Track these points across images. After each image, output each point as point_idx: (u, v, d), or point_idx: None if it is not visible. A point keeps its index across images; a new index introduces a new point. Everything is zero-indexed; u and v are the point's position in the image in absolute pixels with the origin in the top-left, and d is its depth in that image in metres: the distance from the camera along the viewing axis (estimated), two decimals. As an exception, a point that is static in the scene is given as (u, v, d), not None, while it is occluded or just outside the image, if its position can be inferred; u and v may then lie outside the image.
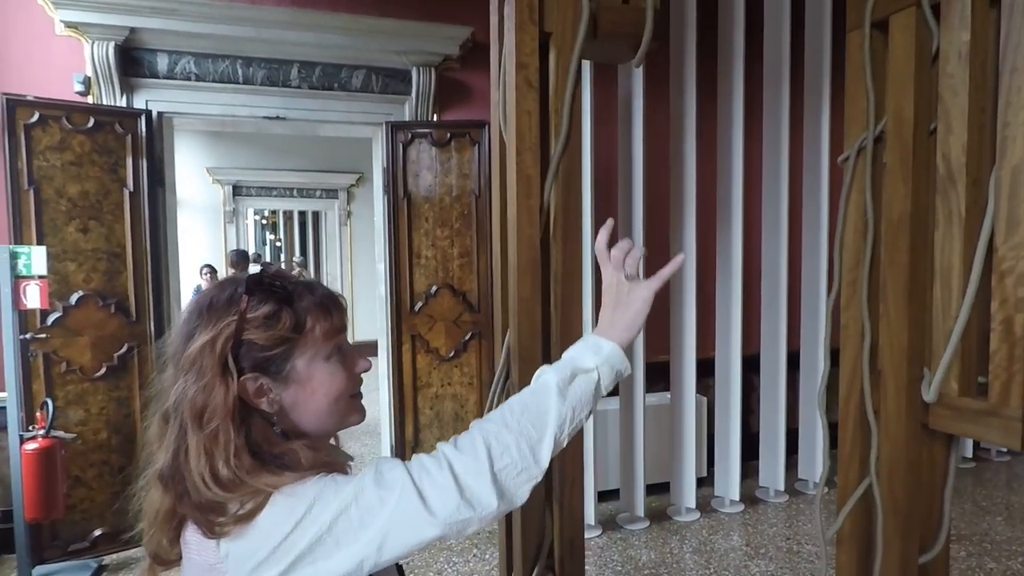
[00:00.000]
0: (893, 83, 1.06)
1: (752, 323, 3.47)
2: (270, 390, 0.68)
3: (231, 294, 0.68)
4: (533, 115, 1.08)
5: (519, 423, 0.67)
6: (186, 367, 0.65)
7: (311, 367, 0.70)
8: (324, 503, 0.61)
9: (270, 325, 0.67)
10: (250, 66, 3.03)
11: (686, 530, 3.10)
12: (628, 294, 0.79)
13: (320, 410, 0.71)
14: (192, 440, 0.64)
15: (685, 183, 3.08)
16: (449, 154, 3.13)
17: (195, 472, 0.63)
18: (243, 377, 0.66)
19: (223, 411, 0.63)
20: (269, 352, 0.67)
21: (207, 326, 0.66)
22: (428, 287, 3.14)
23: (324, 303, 0.72)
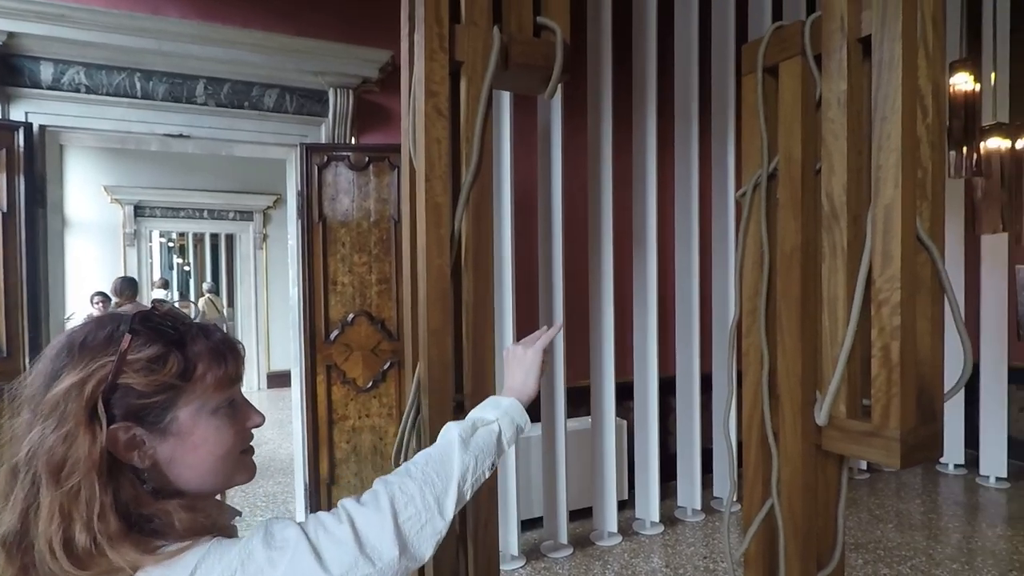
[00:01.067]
0: (783, 125, 1.13)
1: (668, 347, 3.60)
2: (143, 442, 0.60)
3: (110, 332, 0.61)
4: (443, 143, 1.07)
5: (423, 472, 0.66)
6: (45, 412, 0.57)
7: (195, 420, 0.63)
8: (208, 568, 0.55)
9: (153, 369, 0.60)
10: (150, 80, 2.86)
11: (608, 555, 3.12)
12: (523, 356, 0.88)
13: (202, 468, 0.64)
14: (46, 499, 0.55)
15: (602, 211, 3.17)
16: (367, 178, 3.06)
17: (43, 538, 0.55)
18: (113, 426, 0.58)
19: (87, 464, 0.55)
20: (148, 399, 0.60)
21: (77, 366, 0.58)
22: (345, 315, 3.04)
23: (219, 349, 0.66)
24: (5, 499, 0.58)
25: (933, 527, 3.39)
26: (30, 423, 0.58)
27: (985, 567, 2.91)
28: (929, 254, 0.95)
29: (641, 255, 3.34)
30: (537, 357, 0.87)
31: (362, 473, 3.08)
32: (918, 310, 0.95)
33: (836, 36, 1.01)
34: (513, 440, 0.79)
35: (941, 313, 0.99)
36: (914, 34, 0.92)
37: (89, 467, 0.56)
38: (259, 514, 3.69)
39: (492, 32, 1.12)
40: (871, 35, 0.96)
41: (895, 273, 0.93)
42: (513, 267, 2.94)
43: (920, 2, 0.92)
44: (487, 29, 1.12)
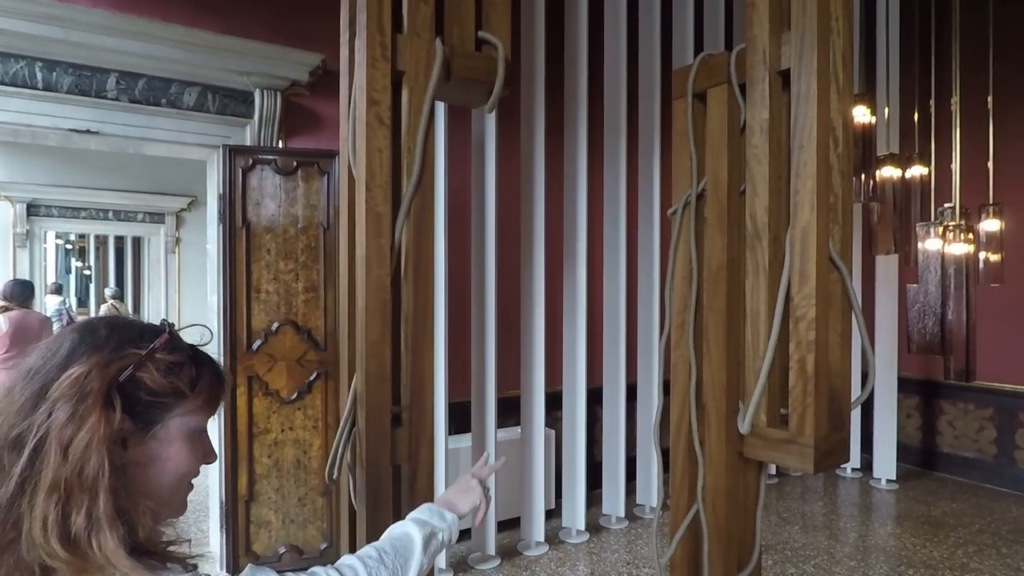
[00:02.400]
0: (710, 148, 1.20)
1: (595, 357, 3.69)
2: (126, 439, 0.60)
3: (141, 330, 0.64)
4: (384, 152, 1.06)
5: (393, 563, 0.78)
6: (62, 389, 0.56)
7: (180, 431, 0.64)
8: None
9: (172, 371, 0.63)
10: (54, 71, 2.64)
11: (535, 564, 3.14)
12: (469, 486, 1.02)
13: (163, 481, 0.64)
14: (48, 474, 0.54)
15: (534, 224, 3.22)
16: (295, 183, 2.96)
17: (39, 513, 0.53)
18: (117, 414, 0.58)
19: (97, 444, 0.55)
20: (154, 398, 0.61)
21: (100, 352, 0.59)
22: (269, 324, 2.91)
23: (221, 376, 0.71)
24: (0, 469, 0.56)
25: (833, 527, 3.64)
26: (35, 396, 0.57)
27: (878, 563, 3.16)
28: (840, 273, 1.03)
29: (571, 267, 3.42)
30: (479, 487, 1.02)
31: (284, 489, 2.95)
32: (830, 325, 1.03)
33: (759, 68, 1.09)
34: (443, 548, 0.93)
35: (849, 328, 1.08)
36: (827, 70, 1.01)
37: (99, 446, 0.55)
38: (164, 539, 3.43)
39: (435, 44, 1.12)
40: (790, 69, 1.05)
41: (811, 291, 1.00)
42: (446, 278, 2.94)
43: (832, 41, 1.01)
44: (429, 40, 1.12)
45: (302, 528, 2.99)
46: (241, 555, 2.92)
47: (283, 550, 2.96)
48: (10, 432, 0.57)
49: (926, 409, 4.65)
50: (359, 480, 1.07)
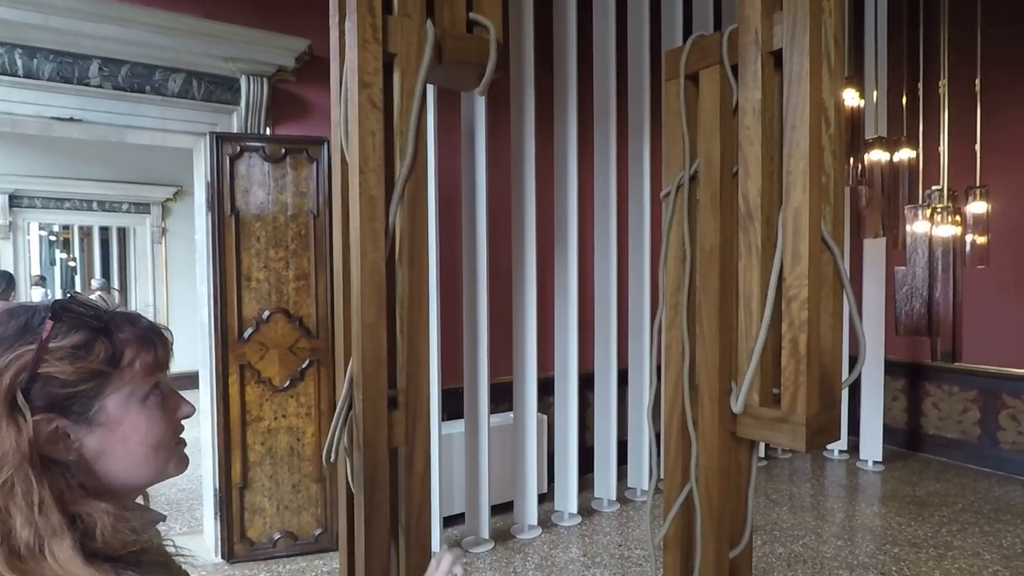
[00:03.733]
0: (703, 130, 1.21)
1: (587, 343, 3.71)
2: (67, 435, 0.57)
3: (26, 321, 0.57)
4: (377, 135, 1.05)
5: None
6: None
7: (125, 408, 0.60)
8: None
9: (79, 356, 0.57)
10: (34, 57, 2.58)
11: (529, 547, 3.17)
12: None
13: (133, 459, 0.61)
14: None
15: (525, 208, 3.22)
16: (284, 170, 2.93)
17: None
18: (35, 418, 0.54)
19: (17, 457, 0.52)
20: (73, 388, 0.56)
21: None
22: (260, 312, 2.89)
23: (147, 335, 0.63)
24: None
25: (820, 508, 3.71)
26: None
27: (864, 542, 3.23)
28: (831, 254, 1.04)
29: (563, 252, 3.42)
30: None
31: (277, 476, 2.95)
32: (822, 305, 1.04)
33: (751, 48, 1.09)
34: None
35: (841, 308, 1.09)
36: (819, 50, 1.01)
37: (20, 460, 0.52)
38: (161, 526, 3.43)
39: (426, 25, 1.11)
40: (782, 49, 1.05)
41: (803, 271, 1.01)
42: (437, 263, 2.93)
43: (824, 21, 1.01)
44: (420, 22, 1.11)
45: (296, 514, 3.00)
46: (236, 541, 2.92)
47: (278, 536, 2.97)
48: None
49: (911, 391, 4.72)
50: (356, 463, 1.08)
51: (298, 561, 2.97)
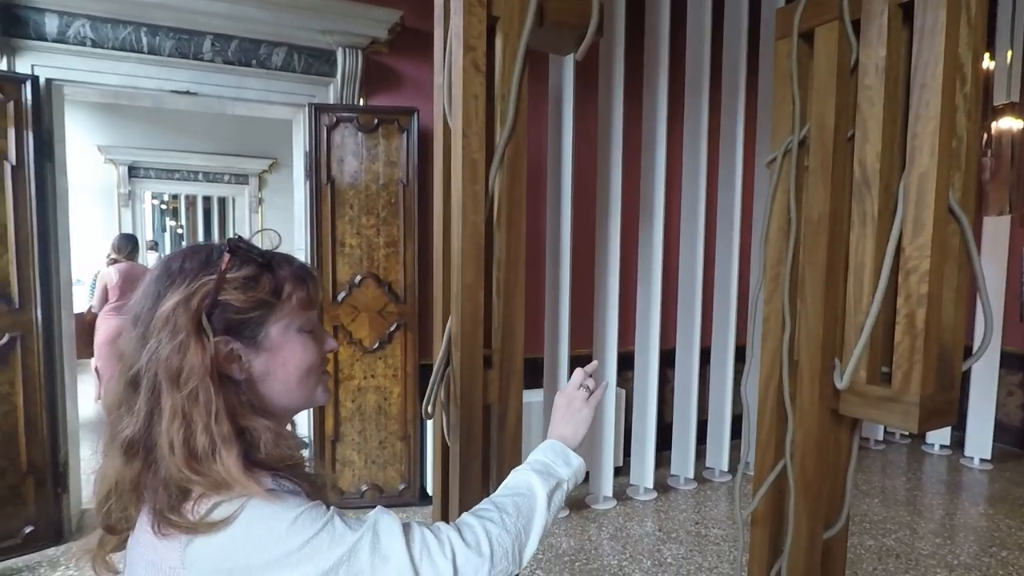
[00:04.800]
0: (816, 91, 1.14)
1: (669, 319, 3.63)
2: (240, 356, 0.65)
3: (207, 255, 0.65)
4: (480, 99, 1.07)
5: (516, 526, 0.69)
6: (158, 327, 0.61)
7: (285, 336, 0.67)
8: (316, 548, 0.58)
9: (249, 287, 0.64)
10: (156, 35, 2.80)
11: (603, 517, 3.20)
12: (579, 410, 0.89)
13: (290, 383, 0.68)
14: (167, 403, 0.59)
15: (611, 180, 3.17)
16: (376, 140, 3.03)
17: (165, 437, 0.59)
18: (216, 339, 0.62)
19: (201, 371, 0.60)
20: (244, 315, 0.64)
21: (180, 285, 0.62)
22: (352, 276, 3.04)
23: (302, 274, 0.71)
24: (128, 407, 0.61)
25: (917, 503, 3.49)
26: (143, 338, 0.61)
27: (966, 542, 3.02)
28: (959, 224, 0.97)
29: (648, 226, 3.35)
30: (591, 414, 0.90)
31: (366, 431, 3.12)
32: (945, 279, 0.97)
33: (877, 1, 1.01)
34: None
35: (965, 284, 1.01)
36: (957, 0, 0.93)
37: (203, 373, 0.60)
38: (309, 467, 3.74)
39: (529, -12, 1.11)
40: (913, 1, 0.96)
41: (926, 242, 0.95)
42: (521, 235, 2.95)
43: (966, -31, 0.92)
44: (523, -15, 1.11)
45: (382, 469, 3.17)
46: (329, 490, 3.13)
47: (365, 487, 3.16)
48: (127, 373, 0.62)
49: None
50: (453, 417, 1.13)
51: (383, 513, 3.15)
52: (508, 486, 0.76)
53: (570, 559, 2.78)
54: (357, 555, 0.59)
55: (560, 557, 2.79)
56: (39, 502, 2.65)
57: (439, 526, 0.66)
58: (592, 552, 2.84)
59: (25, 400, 2.60)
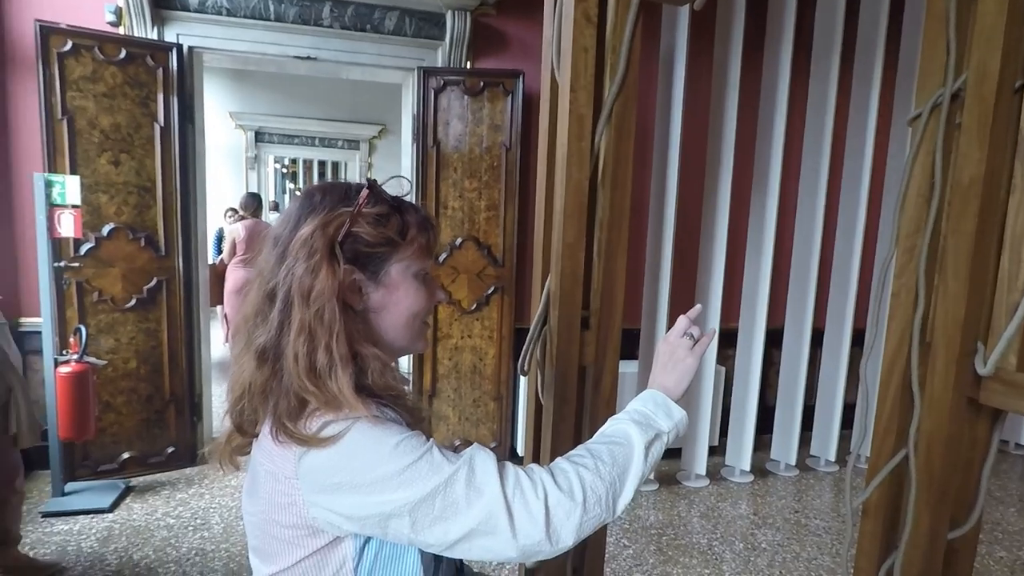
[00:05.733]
0: (979, 35, 0.99)
1: (779, 297, 3.42)
2: (361, 288, 0.69)
3: (345, 191, 0.71)
4: (590, 52, 1.03)
5: (610, 475, 0.68)
6: (296, 248, 0.66)
7: (403, 276, 0.71)
8: (415, 474, 0.61)
9: (380, 223, 0.69)
10: (282, 2, 2.96)
11: (694, 495, 3.13)
12: (683, 359, 0.85)
13: (399, 322, 0.72)
14: (297, 317, 0.65)
15: (723, 143, 2.99)
16: (481, 103, 3.05)
17: (292, 349, 0.64)
18: (344, 267, 0.67)
19: (329, 293, 0.65)
20: (372, 249, 0.69)
21: (319, 213, 0.68)
22: (453, 239, 3.12)
23: (425, 222, 0.75)
24: (263, 318, 0.67)
25: (1063, 515, 3.10)
26: (281, 256, 0.67)
27: (1124, 562, 2.65)
28: None
29: (760, 196, 3.14)
30: (696, 363, 0.86)
31: (461, 389, 3.24)
32: None
33: (1070, -76, 0.85)
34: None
35: None
36: None
37: (331, 295, 0.64)
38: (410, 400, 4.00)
39: (647, -69, 1.04)
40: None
41: (1109, 208, 0.81)
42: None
43: None
44: (641, -72, 1.05)
45: (475, 426, 3.28)
46: (424, 443, 3.30)
47: (458, 443, 3.29)
48: (265, 287, 0.68)
49: None
50: (547, 376, 1.13)
51: (475, 468, 3.27)
52: (605, 434, 0.75)
53: (657, 532, 2.75)
54: (453, 486, 0.61)
55: (647, 529, 2.77)
56: (178, 428, 3.01)
57: (532, 468, 0.66)
58: (681, 528, 2.80)
59: (168, 337, 2.94)
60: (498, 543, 0.62)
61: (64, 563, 2.24)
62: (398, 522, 0.61)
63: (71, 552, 2.36)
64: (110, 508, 2.66)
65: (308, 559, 0.65)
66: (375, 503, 0.60)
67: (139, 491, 2.87)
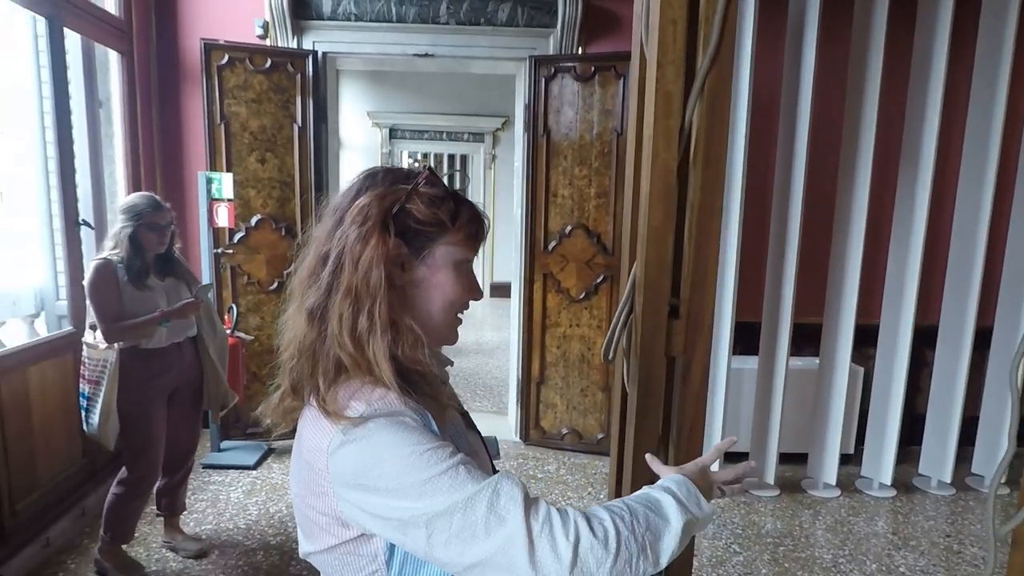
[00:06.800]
0: None
1: (933, 290, 3.02)
2: (404, 263, 0.72)
3: (407, 173, 0.74)
4: (679, 25, 0.97)
5: (642, 539, 0.63)
6: (352, 216, 0.70)
7: (445, 261, 0.73)
8: (435, 487, 0.60)
9: (434, 204, 0.71)
10: (403, 4, 3.11)
11: (821, 506, 2.87)
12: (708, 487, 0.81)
13: (434, 306, 0.74)
14: (344, 280, 0.68)
15: (862, 125, 2.68)
16: (592, 89, 3.00)
17: (337, 309, 0.68)
18: (393, 239, 0.70)
19: (376, 260, 0.68)
20: (421, 227, 0.71)
21: (378, 187, 0.71)
22: (563, 227, 3.11)
23: (477, 214, 0.77)
24: (314, 280, 0.71)
25: None
26: (337, 223, 0.71)
27: None
28: None
29: (909, 181, 2.78)
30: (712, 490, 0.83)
31: (569, 378, 3.23)
32: None
33: None
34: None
35: None
36: None
37: (378, 262, 0.68)
38: (478, 403, 4.14)
39: None
40: None
41: None
42: (743, 178, 2.66)
43: None
44: None
45: (583, 416, 3.26)
46: (531, 427, 3.35)
47: (565, 431, 3.29)
48: (320, 250, 0.71)
49: None
50: (632, 365, 1.09)
51: (580, 457, 3.26)
52: (638, 497, 0.70)
53: (774, 541, 2.56)
54: (473, 507, 0.59)
55: (762, 537, 2.59)
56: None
57: (567, 510, 0.63)
58: (802, 540, 2.58)
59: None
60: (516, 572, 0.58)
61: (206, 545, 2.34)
62: (415, 532, 0.60)
63: (221, 500, 2.71)
64: (254, 466, 3.02)
65: (341, 547, 0.67)
66: (395, 508, 0.61)
67: (279, 453, 3.21)
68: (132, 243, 2.02)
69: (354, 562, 0.68)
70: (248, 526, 2.54)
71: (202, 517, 2.58)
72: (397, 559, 0.67)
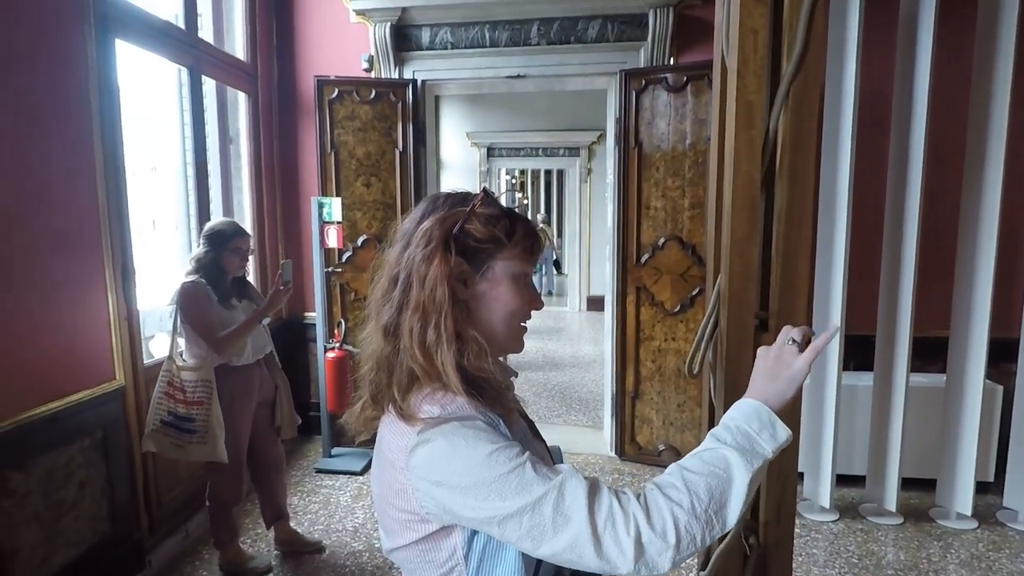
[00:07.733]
0: None
1: (1086, 299, 2.66)
2: (466, 279, 0.77)
3: (465, 196, 0.80)
4: (760, 34, 0.96)
5: (706, 513, 0.64)
6: (417, 238, 0.76)
7: (504, 275, 0.78)
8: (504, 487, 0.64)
9: (491, 223, 0.76)
10: (496, 29, 3.24)
11: (954, 538, 2.59)
12: (790, 365, 0.75)
13: (496, 317, 0.78)
14: (413, 297, 0.74)
15: (990, 128, 2.43)
16: (684, 99, 2.95)
17: (408, 324, 0.74)
18: (455, 258, 0.75)
19: (441, 277, 0.73)
20: (480, 244, 0.76)
21: (440, 211, 0.77)
22: (656, 239, 3.06)
23: (532, 231, 0.82)
24: (387, 299, 0.78)
25: None
26: (405, 246, 0.78)
27: None
28: None
29: (1053, 174, 2.48)
30: (806, 370, 0.75)
31: (665, 392, 3.16)
32: None
33: None
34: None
35: None
36: None
37: (442, 279, 0.73)
38: (573, 416, 4.14)
39: None
40: None
41: None
42: (850, 188, 2.50)
43: None
44: None
45: (680, 432, 3.17)
46: (627, 442, 3.30)
47: (662, 447, 3.22)
48: (391, 272, 0.77)
49: None
50: (719, 379, 1.08)
51: (680, 475, 3.16)
52: (703, 460, 0.68)
53: (895, 573, 2.35)
54: (540, 509, 0.63)
55: (882, 568, 2.39)
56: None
57: (628, 497, 0.65)
58: (931, 573, 2.35)
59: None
60: (585, 564, 0.64)
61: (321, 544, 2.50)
62: (488, 528, 0.66)
63: (331, 503, 2.91)
64: (361, 471, 3.22)
65: (421, 543, 0.72)
66: (469, 506, 0.66)
67: (384, 461, 3.39)
68: (216, 266, 2.13)
69: (434, 557, 0.72)
70: (355, 528, 2.71)
71: (315, 518, 2.79)
72: (475, 554, 0.71)
